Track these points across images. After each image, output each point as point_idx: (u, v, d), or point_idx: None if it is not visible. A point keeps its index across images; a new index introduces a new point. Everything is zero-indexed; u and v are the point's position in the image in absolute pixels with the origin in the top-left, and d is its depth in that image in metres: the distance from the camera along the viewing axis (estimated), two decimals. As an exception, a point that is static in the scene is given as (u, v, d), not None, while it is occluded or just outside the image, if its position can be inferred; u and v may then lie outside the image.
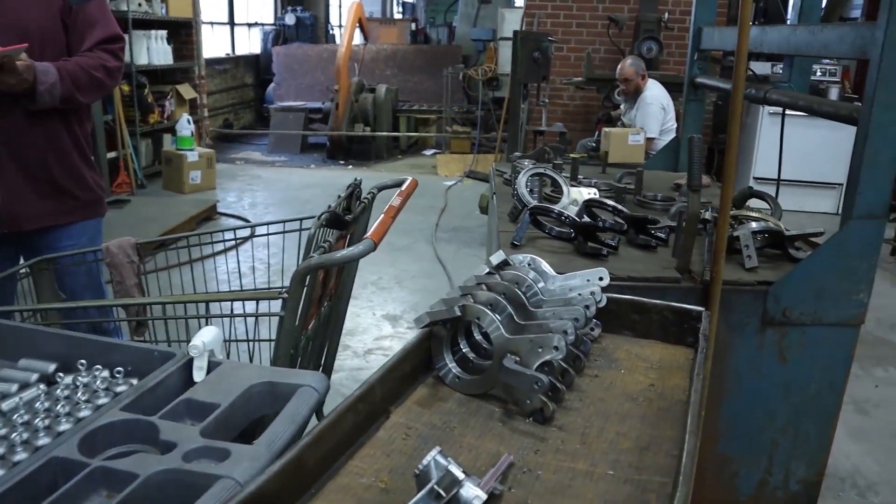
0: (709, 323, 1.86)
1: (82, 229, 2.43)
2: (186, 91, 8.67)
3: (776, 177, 2.87)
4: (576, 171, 2.80)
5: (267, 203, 7.61)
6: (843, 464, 2.95)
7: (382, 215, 1.54)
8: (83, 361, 1.28)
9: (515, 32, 5.91)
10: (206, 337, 1.29)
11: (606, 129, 4.66)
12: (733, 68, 1.74)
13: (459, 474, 0.96)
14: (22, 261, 2.36)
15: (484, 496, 0.96)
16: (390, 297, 5.05)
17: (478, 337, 1.44)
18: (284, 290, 1.44)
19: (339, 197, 1.81)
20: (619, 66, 5.69)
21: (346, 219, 1.76)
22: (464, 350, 1.43)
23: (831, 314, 1.91)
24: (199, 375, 1.28)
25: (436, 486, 0.90)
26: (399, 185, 1.87)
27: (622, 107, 6.08)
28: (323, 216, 1.60)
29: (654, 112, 5.45)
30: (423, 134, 10.48)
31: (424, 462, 0.98)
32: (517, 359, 1.27)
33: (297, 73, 11.72)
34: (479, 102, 9.09)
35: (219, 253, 4.97)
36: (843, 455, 2.99)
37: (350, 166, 9.36)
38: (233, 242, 5.18)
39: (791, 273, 1.88)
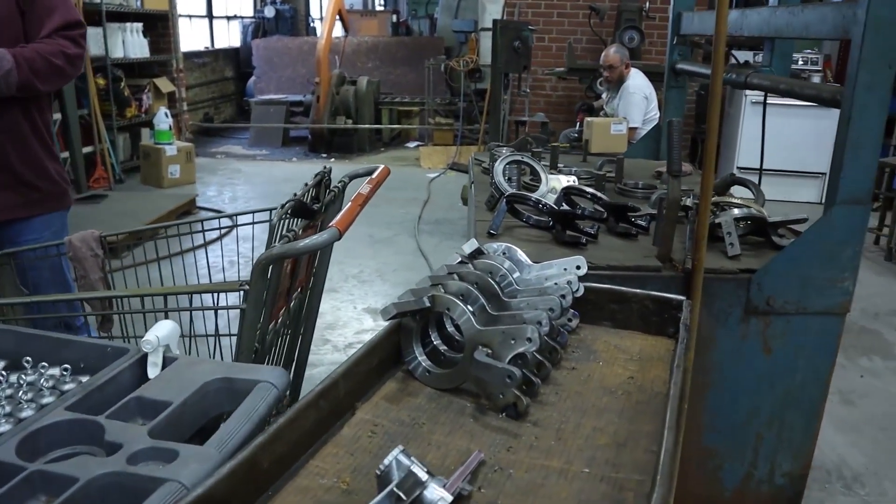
0: (690, 312, 1.81)
1: (45, 223, 2.35)
2: (164, 85, 8.54)
3: (759, 166, 2.83)
4: (555, 160, 2.75)
5: (248, 197, 7.51)
6: (829, 455, 2.92)
7: (350, 203, 1.48)
8: (28, 359, 1.20)
9: (495, 21, 5.84)
10: (161, 331, 1.22)
11: (589, 119, 4.60)
12: (713, 52, 1.68)
13: (423, 475, 0.90)
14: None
15: (449, 498, 0.90)
16: (372, 290, 4.98)
17: (450, 329, 1.38)
18: (245, 282, 1.37)
19: (306, 185, 1.74)
20: (603, 54, 5.64)
21: (312, 208, 1.69)
22: (435, 343, 1.37)
23: (816, 302, 1.87)
24: (153, 372, 1.21)
25: (395, 489, 0.84)
26: (370, 173, 1.81)
27: (604, 96, 6.03)
28: (287, 204, 1.54)
29: (637, 101, 5.41)
30: (406, 126, 10.40)
31: (386, 462, 0.92)
32: (489, 351, 1.21)
33: (277, 66, 11.59)
34: (461, 94, 9.02)
35: (198, 247, 4.89)
36: (828, 447, 2.96)
37: (332, 159, 9.26)
38: (213, 235, 5.10)
39: (774, 260, 1.83)
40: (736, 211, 1.92)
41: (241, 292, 1.38)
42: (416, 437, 1.13)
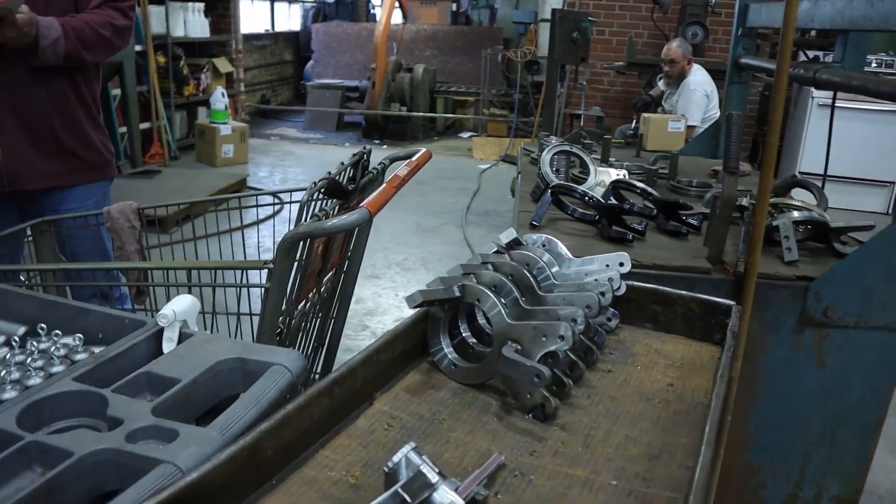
0: (739, 319, 1.70)
1: (87, 192, 2.35)
2: (223, 65, 8.63)
3: (823, 171, 2.68)
4: (607, 153, 2.64)
5: (298, 179, 7.54)
6: (883, 480, 2.75)
7: (385, 185, 1.41)
8: (43, 326, 1.17)
9: (554, 10, 5.70)
10: (179, 306, 1.18)
11: (646, 115, 4.47)
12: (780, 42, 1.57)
13: (432, 476, 0.83)
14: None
15: (460, 503, 0.83)
16: (415, 278, 4.94)
17: (481, 321, 1.31)
18: (270, 260, 1.32)
19: (342, 164, 1.69)
20: (665, 47, 5.47)
21: (347, 188, 1.63)
22: (464, 335, 1.30)
23: (879, 317, 1.73)
24: (168, 347, 1.17)
25: (400, 490, 0.77)
26: (411, 156, 1.74)
27: (664, 91, 5.85)
28: (320, 183, 1.48)
29: (698, 99, 5.23)
30: (460, 116, 10.32)
31: (395, 459, 0.86)
32: (518, 347, 1.14)
33: (335, 51, 11.63)
34: (517, 85, 8.89)
35: (248, 225, 4.90)
36: (882, 471, 2.79)
37: (385, 146, 9.25)
38: (266, 213, 5.11)
39: (835, 269, 1.70)
40: (795, 214, 1.80)
41: (266, 271, 1.33)
42: (434, 434, 1.06)
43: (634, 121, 6.18)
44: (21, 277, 1.99)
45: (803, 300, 1.70)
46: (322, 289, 1.77)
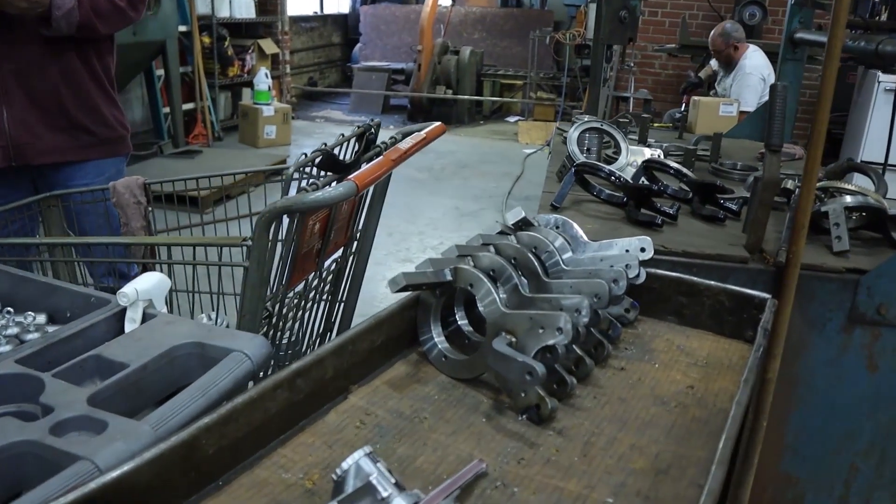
0: (778, 314, 1.53)
1: (99, 168, 2.29)
2: (268, 46, 8.61)
3: (884, 159, 2.45)
4: (644, 133, 2.46)
5: (338, 162, 7.47)
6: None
7: (382, 157, 1.29)
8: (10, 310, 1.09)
9: (601, -12, 5.45)
10: (143, 284, 1.08)
11: (696, 98, 4.25)
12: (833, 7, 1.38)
13: (384, 490, 0.71)
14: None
15: (417, 522, 0.71)
16: (449, 264, 4.81)
17: (481, 309, 1.18)
18: (249, 237, 1.21)
19: (341, 135, 1.57)
20: (710, 34, 5.22)
21: (344, 161, 1.51)
22: (459, 322, 1.17)
23: (940, 316, 1.54)
24: (129, 327, 1.07)
25: (338, 505, 0.65)
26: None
27: (715, 72, 5.59)
28: (312, 154, 1.37)
29: (753, 83, 4.96)
30: (507, 99, 10.12)
31: (343, 466, 0.74)
32: (513, 340, 1.00)
33: (383, 33, 11.53)
34: (565, 69, 8.65)
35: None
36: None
37: (429, 130, 9.12)
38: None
39: (892, 260, 1.51)
40: (848, 199, 1.60)
41: (244, 249, 1.23)
42: (411, 434, 0.94)
43: (684, 105, 5.93)
44: (36, 249, 1.94)
45: (853, 295, 1.52)
46: (325, 272, 1.66)
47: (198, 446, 0.78)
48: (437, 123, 1.63)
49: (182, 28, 6.85)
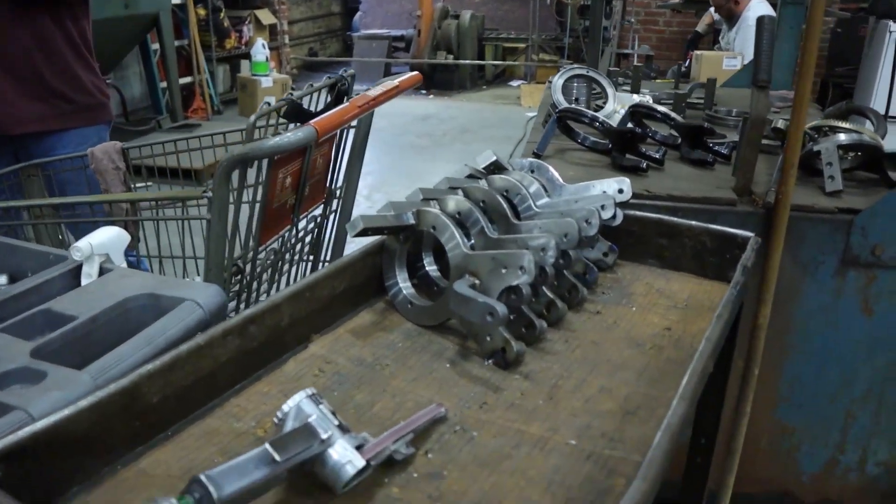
0: (765, 258, 1.48)
1: (81, 136, 2.24)
2: (265, 16, 8.50)
3: (885, 108, 2.36)
4: (637, 82, 2.38)
5: (340, 131, 7.40)
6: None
7: (346, 104, 1.24)
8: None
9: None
10: (98, 238, 1.04)
11: (698, 52, 4.16)
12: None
13: (324, 430, 0.67)
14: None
15: (360, 463, 0.68)
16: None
17: (448, 254, 1.14)
18: (209, 188, 1.18)
19: (310, 85, 1.52)
20: None
21: (312, 113, 1.46)
22: (427, 268, 1.13)
23: (937, 257, 1.49)
24: (86, 282, 1.03)
25: (268, 446, 0.62)
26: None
27: (714, 21, 5.47)
28: (277, 103, 1.32)
29: (756, 35, 4.83)
30: (509, 63, 9.98)
31: (284, 409, 0.71)
32: (476, 282, 0.96)
33: (383, 0, 11.37)
34: (567, 29, 8.50)
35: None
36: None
37: (431, 95, 9.03)
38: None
39: (887, 199, 1.45)
40: (842, 136, 1.54)
41: (207, 202, 1.19)
42: (370, 381, 0.91)
43: (688, 60, 5.81)
44: (24, 215, 1.92)
45: (847, 237, 1.47)
46: (302, 231, 1.62)
47: (140, 395, 0.75)
48: (414, 73, 1.58)
49: (175, 0, 6.76)
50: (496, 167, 1.24)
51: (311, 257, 1.78)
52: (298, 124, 1.48)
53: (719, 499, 1.63)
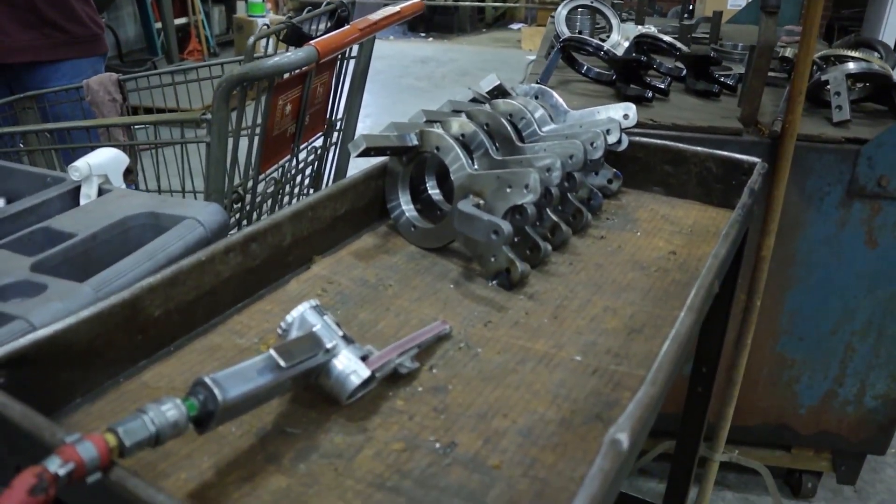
0: (767, 180, 1.47)
1: (75, 68, 2.20)
2: (261, -46, 8.27)
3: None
4: (642, 14, 2.33)
5: (338, 74, 7.29)
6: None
7: (348, 26, 1.21)
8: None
9: None
10: (96, 159, 1.03)
11: (702, -10, 4.07)
12: None
13: (329, 340, 0.67)
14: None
15: (365, 373, 0.67)
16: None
17: (451, 174, 1.12)
18: (207, 110, 1.15)
19: (310, 9, 1.48)
20: None
21: (309, 35, 1.43)
22: (430, 191, 1.12)
23: (945, 189, 1.47)
24: (85, 203, 1.02)
25: (273, 352, 0.61)
26: (401, 7, 1.52)
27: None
28: (276, 27, 1.29)
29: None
30: (510, 4, 9.78)
31: (288, 319, 0.70)
32: (480, 202, 0.95)
33: (381, -61, 11.08)
34: (570, -30, 8.30)
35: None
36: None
37: (430, 38, 8.88)
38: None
39: (893, 130, 1.43)
40: (851, 65, 1.51)
41: (207, 125, 1.17)
42: (373, 301, 0.90)
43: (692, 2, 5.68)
44: (21, 144, 1.90)
45: (853, 167, 1.45)
46: (303, 162, 1.60)
47: (141, 307, 0.75)
48: (416, 0, 1.53)
49: (169, -63, 6.58)
50: (500, 92, 1.22)
51: (311, 190, 1.76)
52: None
53: (718, 429, 1.65)
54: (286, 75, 1.24)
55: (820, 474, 1.93)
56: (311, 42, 1.09)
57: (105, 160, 1.03)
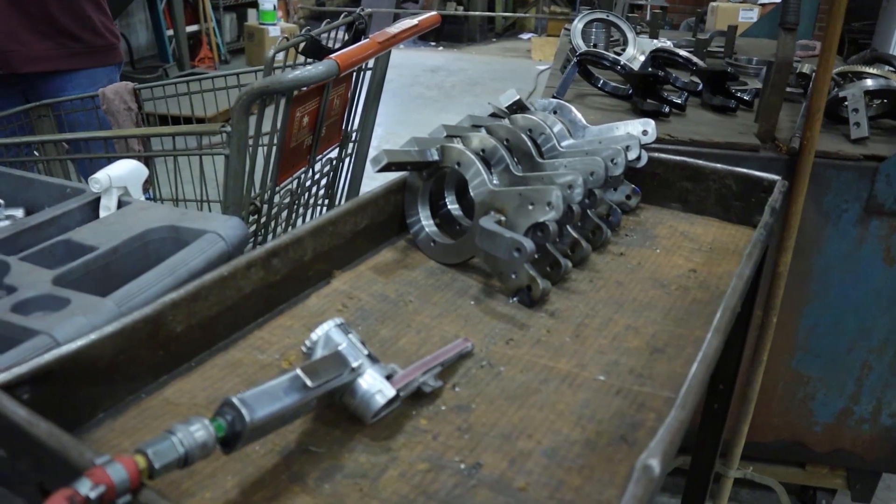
0: (787, 204, 1.46)
1: (91, 78, 2.21)
2: (273, -37, 8.32)
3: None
4: (656, 28, 2.33)
5: (348, 83, 7.31)
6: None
7: (367, 39, 1.21)
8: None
9: None
10: (116, 171, 1.03)
11: (713, 3, 4.08)
12: None
13: (354, 358, 0.67)
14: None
15: (390, 393, 0.67)
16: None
17: (471, 190, 1.12)
18: (228, 122, 1.15)
19: (328, 22, 1.49)
20: None
21: (330, 49, 1.43)
22: (449, 206, 1.12)
23: (963, 207, 1.46)
24: (104, 215, 1.02)
25: (300, 372, 0.61)
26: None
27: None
28: (294, 39, 1.29)
29: (775, -14, 4.73)
30: (520, 14, 9.81)
31: (313, 337, 0.70)
32: (501, 219, 0.95)
33: (392, -51, 11.12)
34: (580, -19, 8.32)
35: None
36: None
37: (440, 48, 8.90)
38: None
39: (913, 147, 1.43)
40: (869, 82, 1.50)
41: (224, 136, 1.17)
42: (394, 317, 0.90)
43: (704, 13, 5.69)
44: (35, 153, 1.91)
45: (871, 184, 1.44)
46: (318, 174, 1.60)
47: (164, 323, 0.75)
48: (433, 13, 1.54)
49: (182, -55, 6.63)
50: (519, 107, 1.22)
51: (326, 201, 1.77)
52: (316, 62, 1.46)
53: (733, 445, 1.64)
54: (304, 88, 1.24)
55: (834, 492, 1.92)
56: (332, 56, 1.09)
57: (125, 172, 1.04)
